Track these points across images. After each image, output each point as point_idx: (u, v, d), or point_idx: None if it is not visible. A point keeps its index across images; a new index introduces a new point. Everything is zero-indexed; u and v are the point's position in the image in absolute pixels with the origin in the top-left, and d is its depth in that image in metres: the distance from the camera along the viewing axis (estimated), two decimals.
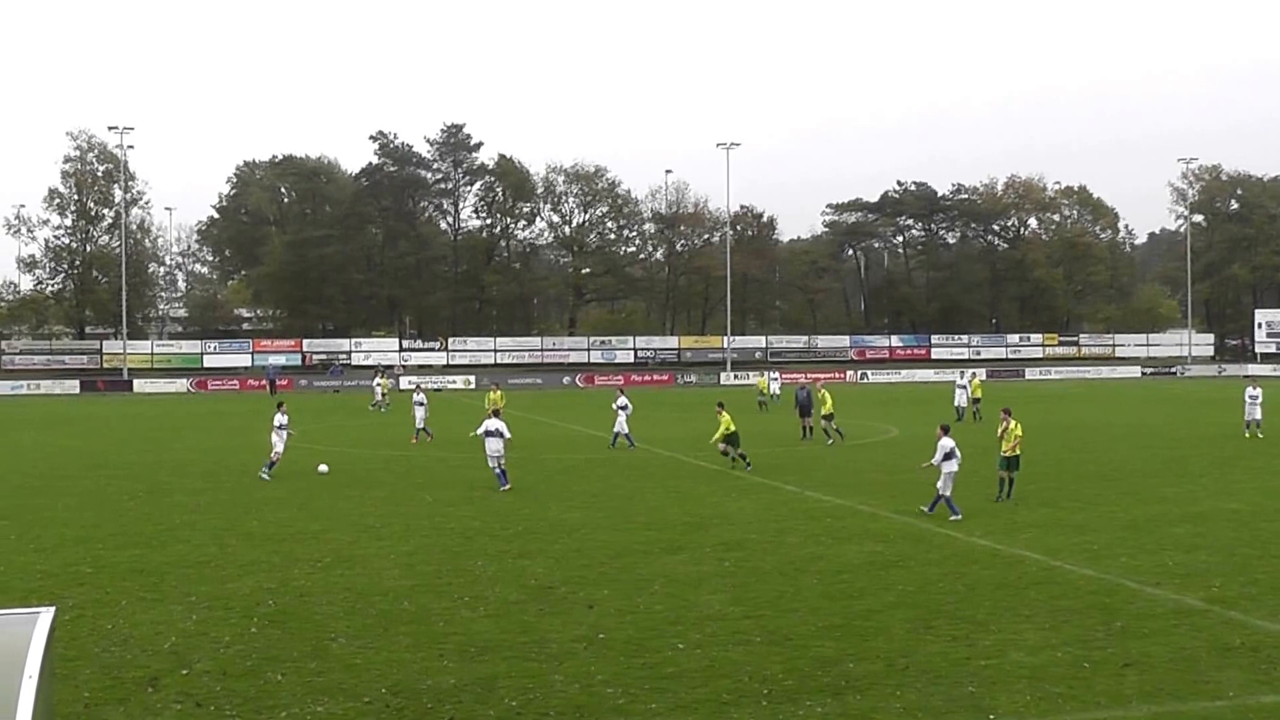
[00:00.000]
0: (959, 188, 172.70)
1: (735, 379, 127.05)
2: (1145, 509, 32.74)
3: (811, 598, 21.90)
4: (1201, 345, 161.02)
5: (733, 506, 33.72)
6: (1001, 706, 15.76)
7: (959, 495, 31.83)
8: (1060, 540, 27.90)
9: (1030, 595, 22.05)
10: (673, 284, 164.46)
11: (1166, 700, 16.06)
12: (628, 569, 24.69)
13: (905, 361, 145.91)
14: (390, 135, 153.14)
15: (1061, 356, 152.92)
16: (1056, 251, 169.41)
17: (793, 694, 16.25)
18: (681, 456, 47.41)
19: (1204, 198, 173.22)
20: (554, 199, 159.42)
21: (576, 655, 18.18)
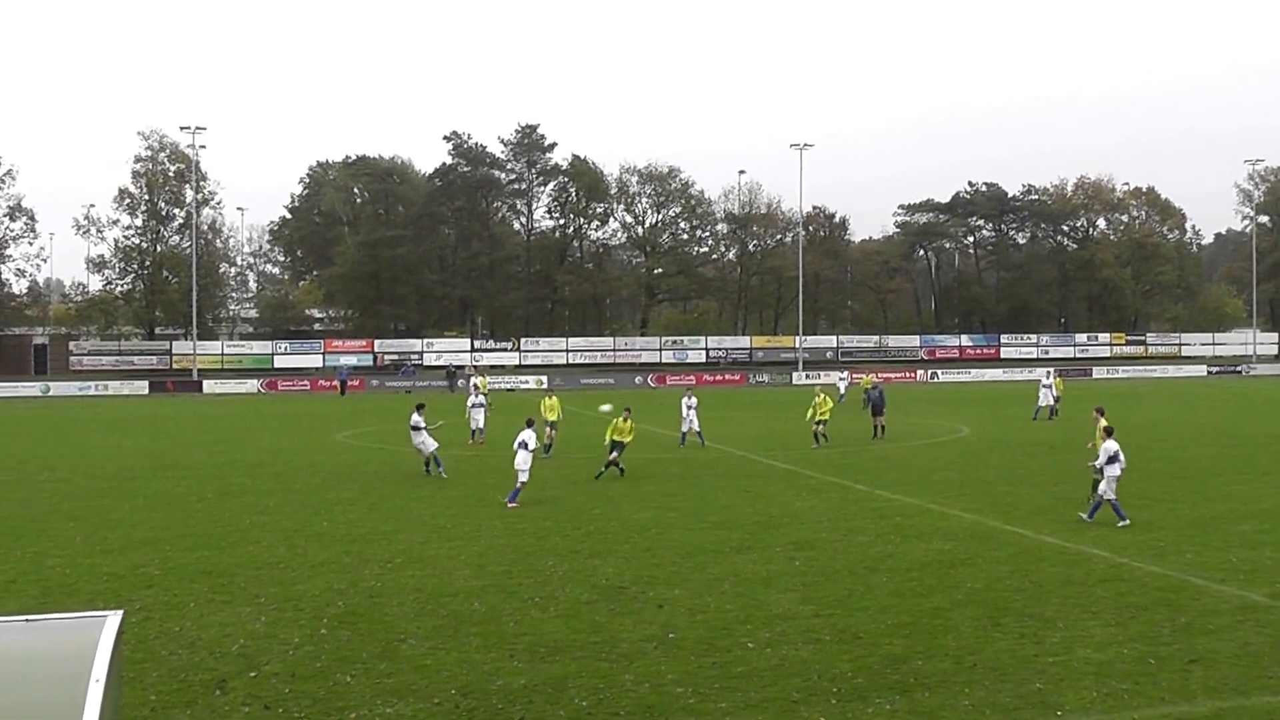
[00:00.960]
0: (1029, 188, 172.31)
1: (807, 378, 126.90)
2: (1211, 506, 32.69)
3: (880, 596, 21.96)
4: (1266, 344, 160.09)
5: (803, 505, 33.77)
6: (1068, 703, 15.83)
7: (1033, 491, 31.80)
8: (1127, 537, 27.90)
9: (1097, 592, 22.07)
10: (745, 284, 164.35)
11: (1231, 695, 16.11)
12: (698, 568, 24.76)
13: (975, 361, 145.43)
14: (464, 135, 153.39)
15: (1128, 356, 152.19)
16: (1125, 252, 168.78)
17: (862, 692, 16.34)
18: (753, 456, 47.47)
19: (1270, 198, 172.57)
20: (627, 199, 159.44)
21: (647, 655, 18.26)
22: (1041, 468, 43.18)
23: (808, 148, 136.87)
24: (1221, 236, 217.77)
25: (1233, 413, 73.84)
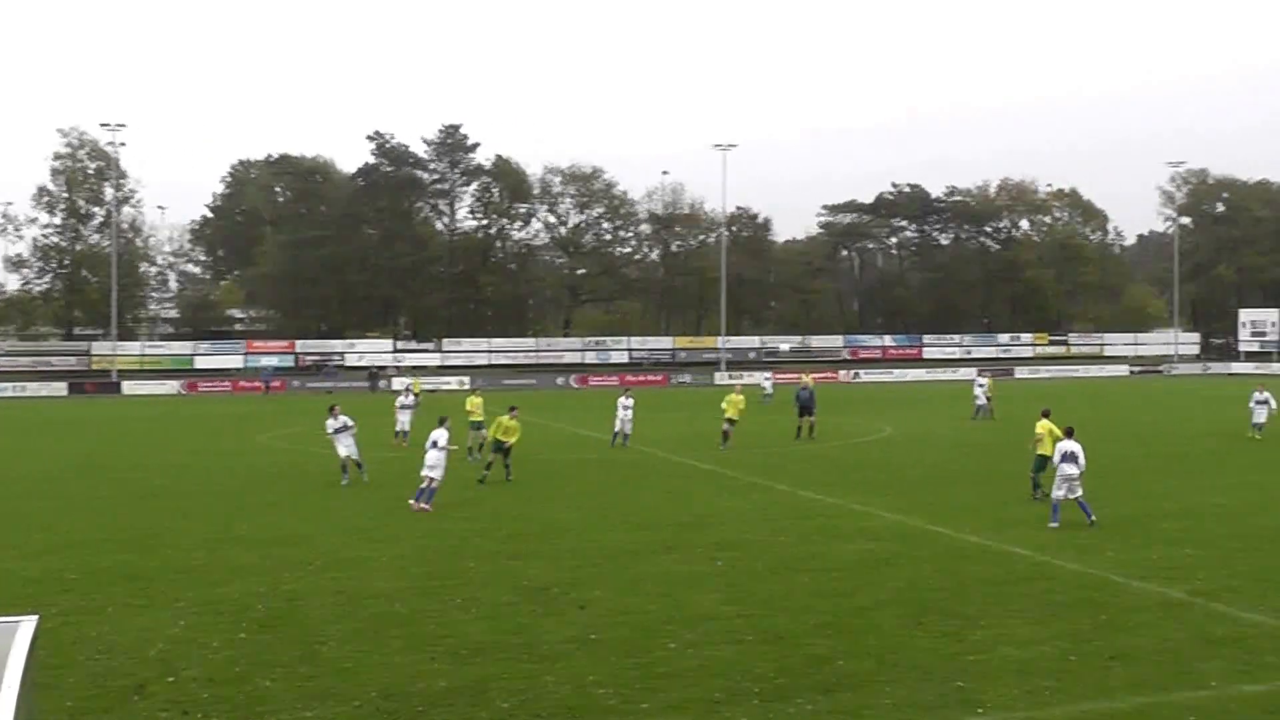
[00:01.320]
0: (952, 190, 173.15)
1: (730, 379, 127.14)
2: (1133, 505, 32.94)
3: (804, 596, 22.00)
4: (1188, 344, 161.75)
5: (726, 506, 33.81)
6: (990, 700, 15.89)
7: (956, 490, 31.94)
8: (1049, 536, 28.08)
9: (1019, 590, 22.22)
10: (668, 284, 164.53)
11: (1151, 691, 16.25)
12: (621, 569, 24.75)
13: (898, 361, 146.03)
14: (387, 135, 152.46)
15: (1051, 355, 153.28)
16: (1048, 252, 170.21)
17: (784, 692, 16.33)
18: (676, 457, 47.50)
19: (1191, 200, 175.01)
20: (550, 200, 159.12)
21: (569, 656, 18.20)
22: (965, 467, 43.46)
23: (731, 148, 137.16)
24: (1144, 238, 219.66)
25: (1154, 412, 74.58)
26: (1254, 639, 18.87)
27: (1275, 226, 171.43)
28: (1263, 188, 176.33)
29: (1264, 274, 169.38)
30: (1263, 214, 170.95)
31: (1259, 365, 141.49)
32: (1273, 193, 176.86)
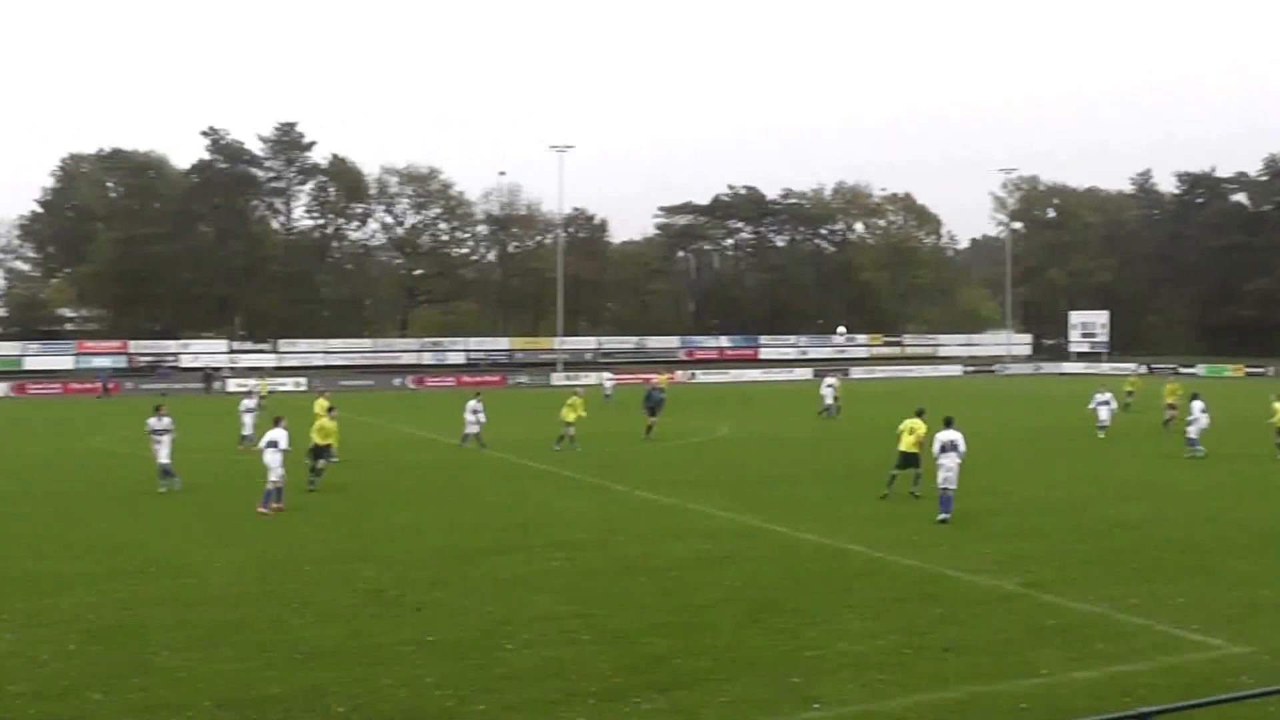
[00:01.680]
0: (788, 192, 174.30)
1: (567, 379, 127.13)
2: (967, 501, 33.16)
3: (641, 595, 22.09)
4: (1020, 345, 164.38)
5: (563, 506, 33.88)
6: (826, 695, 16.06)
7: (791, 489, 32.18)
8: (884, 533, 28.44)
9: (855, 586, 22.49)
10: (505, 285, 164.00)
11: (985, 681, 16.57)
12: (458, 570, 24.71)
13: (735, 362, 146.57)
14: (222, 132, 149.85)
15: (886, 356, 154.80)
16: (882, 255, 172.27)
17: (621, 691, 16.40)
18: (513, 458, 47.36)
19: (1023, 206, 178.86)
20: (387, 200, 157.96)
21: (406, 659, 18.12)
22: (801, 467, 43.80)
23: (567, 150, 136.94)
24: (977, 242, 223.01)
25: (988, 411, 75.54)
26: (1083, 628, 19.36)
27: (1104, 232, 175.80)
28: (1091, 195, 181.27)
29: (1093, 277, 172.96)
30: (1092, 220, 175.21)
31: (1089, 365, 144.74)
32: (1101, 200, 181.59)
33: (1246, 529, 28.93)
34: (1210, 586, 22.37)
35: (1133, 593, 21.75)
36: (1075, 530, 28.64)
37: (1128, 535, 28.01)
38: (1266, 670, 17.06)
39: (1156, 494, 34.72)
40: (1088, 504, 32.82)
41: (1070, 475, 39.68)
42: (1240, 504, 33.12)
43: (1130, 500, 33.52)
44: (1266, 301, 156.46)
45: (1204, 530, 28.78)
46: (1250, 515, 31.08)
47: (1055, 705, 15.60)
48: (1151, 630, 19.22)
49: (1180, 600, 21.19)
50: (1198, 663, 17.54)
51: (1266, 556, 25.42)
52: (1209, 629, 19.31)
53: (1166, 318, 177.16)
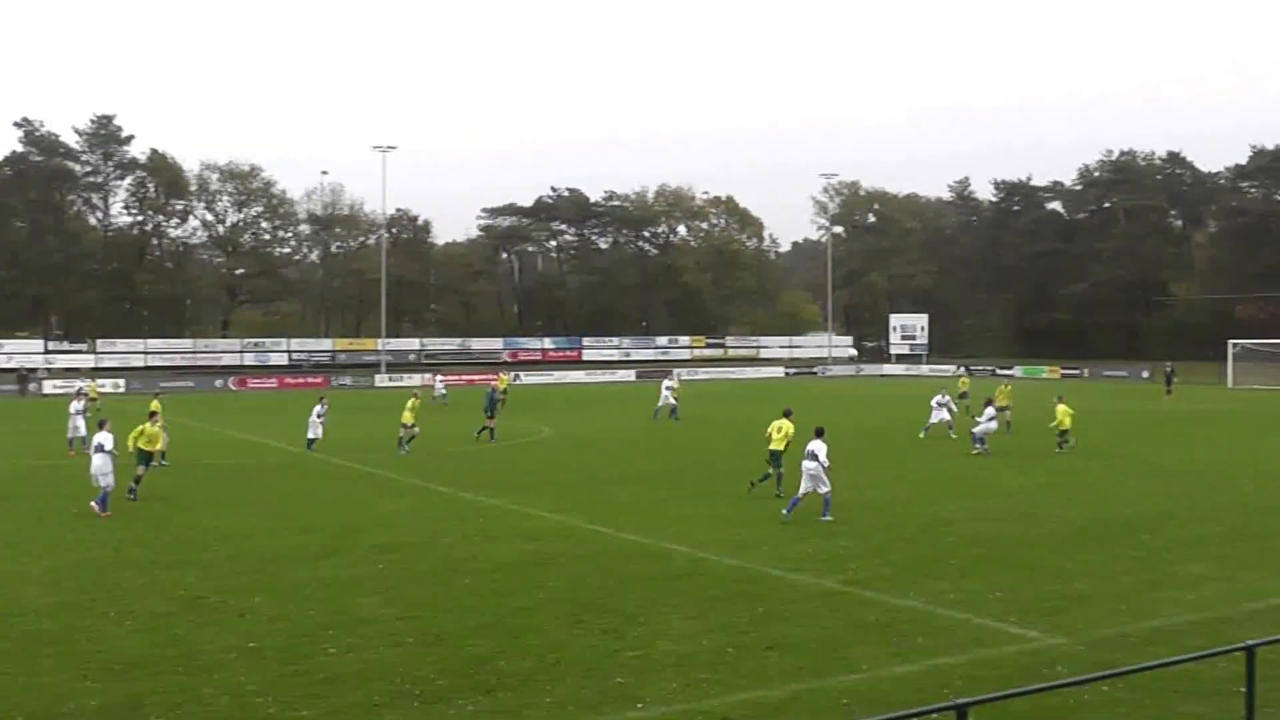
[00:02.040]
0: (611, 194, 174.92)
1: (390, 381, 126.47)
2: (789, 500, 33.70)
3: (465, 597, 22.02)
4: (841, 347, 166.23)
5: (388, 509, 33.65)
6: (650, 695, 16.11)
7: (615, 490, 32.23)
8: (708, 533, 28.62)
9: (678, 586, 22.58)
10: (328, 286, 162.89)
11: (807, 678, 16.72)
12: (281, 575, 24.45)
13: (558, 363, 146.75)
14: (36, 123, 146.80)
15: (709, 358, 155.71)
16: (705, 258, 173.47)
17: (445, 693, 16.34)
18: (336, 460, 47.00)
19: (844, 211, 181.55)
20: (208, 197, 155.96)
21: (228, 666, 17.86)
22: (625, 468, 43.87)
23: (391, 150, 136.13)
24: (799, 245, 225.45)
25: (809, 411, 76.18)
26: (904, 623, 19.64)
27: (923, 237, 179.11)
28: (911, 201, 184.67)
29: (913, 281, 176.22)
30: (911, 225, 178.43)
31: (909, 367, 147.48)
32: (920, 205, 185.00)
33: (1062, 524, 29.61)
34: (1027, 581, 22.83)
35: (952, 588, 22.16)
36: (896, 528, 29.09)
37: (947, 532, 28.48)
38: (1081, 660, 17.47)
39: (975, 492, 35.31)
40: (908, 503, 33.31)
41: (892, 475, 40.27)
42: (1055, 500, 33.85)
43: (950, 499, 34.04)
44: (1081, 306, 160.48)
45: (1021, 526, 29.38)
46: (1065, 511, 31.82)
47: (876, 700, 15.76)
48: (970, 624, 19.56)
49: (998, 594, 21.61)
50: (1015, 654, 17.87)
51: (1081, 551, 26.01)
52: (1025, 622, 19.73)
53: (984, 321, 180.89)
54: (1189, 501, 33.58)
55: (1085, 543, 27.04)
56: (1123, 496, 34.62)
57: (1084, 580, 22.92)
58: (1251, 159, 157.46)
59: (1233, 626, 19.28)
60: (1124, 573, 23.59)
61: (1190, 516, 30.86)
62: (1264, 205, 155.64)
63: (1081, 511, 31.79)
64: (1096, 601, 21.21)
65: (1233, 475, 39.69)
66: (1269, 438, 53.89)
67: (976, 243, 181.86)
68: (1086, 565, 24.38)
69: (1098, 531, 28.53)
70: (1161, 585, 22.42)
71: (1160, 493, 35.31)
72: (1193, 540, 27.28)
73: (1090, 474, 40.25)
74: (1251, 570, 23.85)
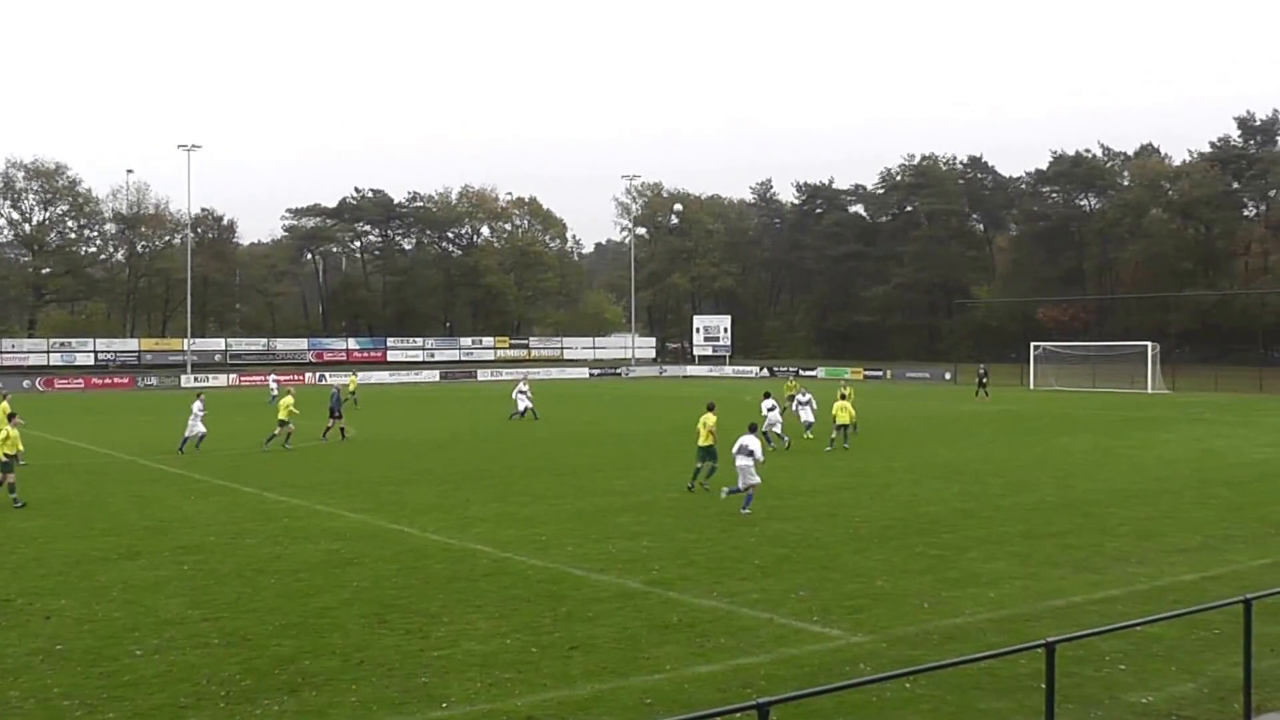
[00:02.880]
0: (414, 195, 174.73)
1: (195, 380, 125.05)
2: (592, 500, 33.96)
3: (269, 597, 21.85)
4: (645, 348, 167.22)
5: (192, 509, 33.27)
6: (454, 694, 16.08)
7: (419, 490, 32.09)
8: (511, 533, 28.63)
9: (482, 586, 22.56)
10: (134, 286, 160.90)
11: (610, 678, 16.75)
12: (86, 576, 24.06)
13: (363, 364, 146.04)
14: None
15: (513, 359, 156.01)
16: (508, 259, 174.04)
17: (250, 693, 16.20)
18: (142, 460, 46.43)
19: (647, 212, 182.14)
20: (14, 195, 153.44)
21: (33, 669, 17.55)
22: (428, 467, 43.77)
23: (195, 149, 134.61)
24: (602, 247, 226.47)
25: (612, 412, 76.72)
26: (706, 623, 19.74)
27: (725, 239, 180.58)
28: (715, 202, 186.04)
29: (716, 283, 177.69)
30: (714, 227, 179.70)
31: (712, 368, 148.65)
32: (723, 207, 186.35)
33: (864, 523, 29.90)
34: (828, 580, 23.04)
35: (754, 588, 22.32)
36: (697, 528, 29.21)
37: (749, 532, 28.66)
38: (883, 657, 17.67)
39: (777, 492, 35.32)
40: (710, 503, 33.38)
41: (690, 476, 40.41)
42: (856, 500, 34.22)
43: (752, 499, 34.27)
44: (883, 308, 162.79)
45: (822, 526, 29.61)
46: (866, 510, 32.17)
47: (679, 699, 15.86)
48: (773, 624, 19.69)
49: (800, 594, 21.79)
50: (818, 653, 18.01)
51: (882, 550, 26.28)
52: (828, 620, 19.93)
53: (787, 322, 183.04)
54: (989, 500, 34.12)
55: (886, 542, 27.33)
56: (923, 496, 35.09)
57: (885, 579, 23.16)
58: (1052, 164, 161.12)
59: (1033, 624, 19.59)
60: (925, 571, 23.89)
61: (990, 515, 31.34)
62: (1064, 209, 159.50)
63: (882, 511, 32.16)
64: (897, 600, 21.44)
65: (1032, 475, 40.43)
66: (1068, 437, 55.08)
67: (779, 245, 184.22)
68: (887, 564, 24.66)
69: (898, 531, 28.86)
70: (962, 583, 22.74)
71: (960, 492, 35.84)
72: (993, 539, 27.71)
73: (890, 474, 40.75)
74: (1051, 568, 24.25)
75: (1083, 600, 21.47)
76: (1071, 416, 69.89)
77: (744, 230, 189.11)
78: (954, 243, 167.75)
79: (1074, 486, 37.30)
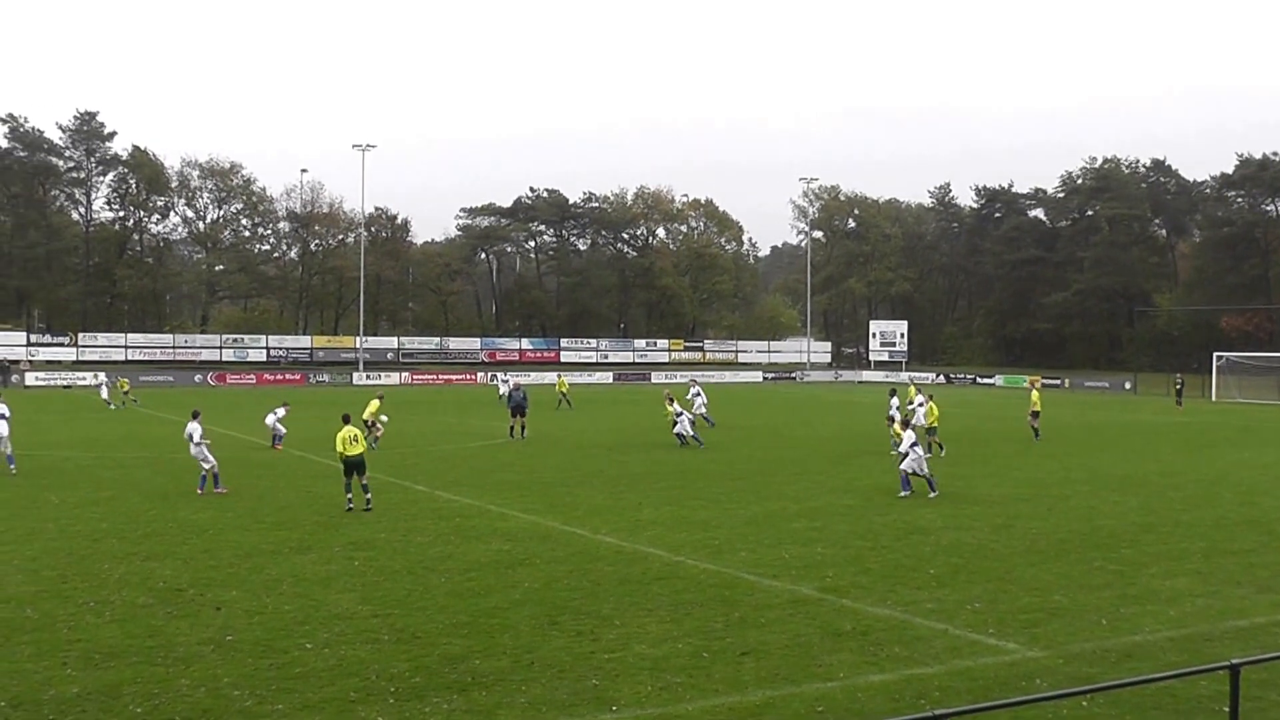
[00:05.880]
0: (590, 196, 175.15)
1: (368, 379, 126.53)
2: (765, 505, 33.70)
3: (439, 596, 21.89)
4: (820, 352, 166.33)
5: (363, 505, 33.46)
6: (624, 697, 15.96)
7: (590, 492, 32.13)
8: (683, 537, 28.47)
9: (653, 590, 22.43)
10: (306, 283, 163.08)
11: (782, 684, 16.54)
12: (257, 569, 24.35)
13: (535, 364, 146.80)
14: (20, 118, 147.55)
15: (687, 361, 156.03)
16: (683, 260, 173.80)
17: (420, 691, 16.21)
18: (312, 456, 46.93)
19: (824, 215, 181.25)
20: (189, 194, 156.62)
21: (204, 658, 17.76)
22: (600, 469, 43.74)
23: (370, 149, 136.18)
24: (778, 250, 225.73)
25: (786, 416, 76.35)
26: (880, 631, 19.47)
27: (902, 244, 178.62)
28: (891, 206, 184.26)
29: (892, 287, 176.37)
30: (891, 231, 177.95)
31: (889, 374, 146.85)
32: (900, 211, 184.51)
33: (1042, 536, 29.27)
34: (1003, 592, 22.62)
35: (929, 597, 21.97)
36: (873, 535, 28.86)
37: (924, 541, 28.23)
38: (1059, 674, 17.25)
39: (952, 500, 35.08)
40: (884, 510, 33.05)
41: (869, 481, 39.96)
42: (1032, 511, 33.52)
43: (926, 507, 33.78)
44: (1061, 315, 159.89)
45: (998, 537, 29.08)
46: (1043, 522, 31.49)
47: (851, 708, 15.63)
48: (947, 634, 19.37)
49: (975, 605, 21.39)
50: (992, 666, 17.67)
51: (1059, 563, 25.70)
52: (1003, 634, 19.53)
53: (964, 328, 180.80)
54: (1169, 515, 33.21)
55: (1064, 555, 26.73)
56: (1101, 509, 34.28)
57: (1062, 593, 22.63)
58: (1238, 168, 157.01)
59: (1214, 644, 19.01)
60: (1103, 586, 23.31)
61: (1170, 531, 30.50)
62: (1249, 215, 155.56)
63: (1059, 523, 31.49)
64: (1075, 615, 20.93)
65: (1214, 490, 39.31)
66: (1252, 451, 53.66)
67: (956, 249, 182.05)
68: (1065, 578, 24.10)
69: (1076, 544, 28.21)
70: (1141, 600, 22.15)
71: (1140, 506, 34.98)
72: (1173, 555, 26.94)
73: (1068, 485, 39.94)
74: (1234, 587, 23.51)
75: (1266, 621, 20.78)
76: (1256, 430, 68.19)
77: (921, 235, 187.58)
78: (1135, 248, 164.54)
79: (1258, 503, 36.16)
